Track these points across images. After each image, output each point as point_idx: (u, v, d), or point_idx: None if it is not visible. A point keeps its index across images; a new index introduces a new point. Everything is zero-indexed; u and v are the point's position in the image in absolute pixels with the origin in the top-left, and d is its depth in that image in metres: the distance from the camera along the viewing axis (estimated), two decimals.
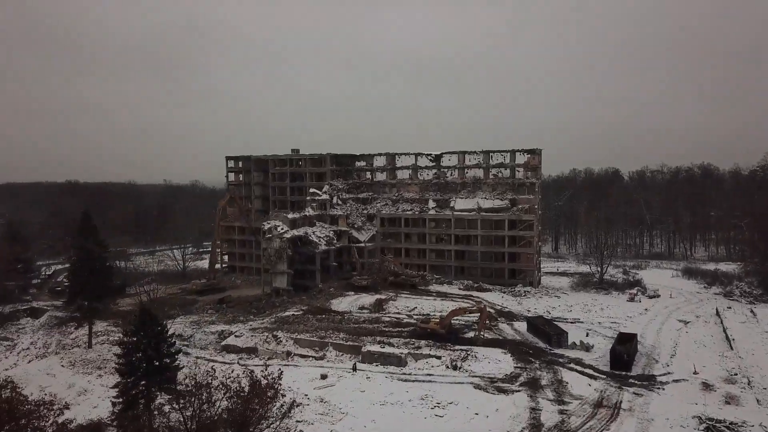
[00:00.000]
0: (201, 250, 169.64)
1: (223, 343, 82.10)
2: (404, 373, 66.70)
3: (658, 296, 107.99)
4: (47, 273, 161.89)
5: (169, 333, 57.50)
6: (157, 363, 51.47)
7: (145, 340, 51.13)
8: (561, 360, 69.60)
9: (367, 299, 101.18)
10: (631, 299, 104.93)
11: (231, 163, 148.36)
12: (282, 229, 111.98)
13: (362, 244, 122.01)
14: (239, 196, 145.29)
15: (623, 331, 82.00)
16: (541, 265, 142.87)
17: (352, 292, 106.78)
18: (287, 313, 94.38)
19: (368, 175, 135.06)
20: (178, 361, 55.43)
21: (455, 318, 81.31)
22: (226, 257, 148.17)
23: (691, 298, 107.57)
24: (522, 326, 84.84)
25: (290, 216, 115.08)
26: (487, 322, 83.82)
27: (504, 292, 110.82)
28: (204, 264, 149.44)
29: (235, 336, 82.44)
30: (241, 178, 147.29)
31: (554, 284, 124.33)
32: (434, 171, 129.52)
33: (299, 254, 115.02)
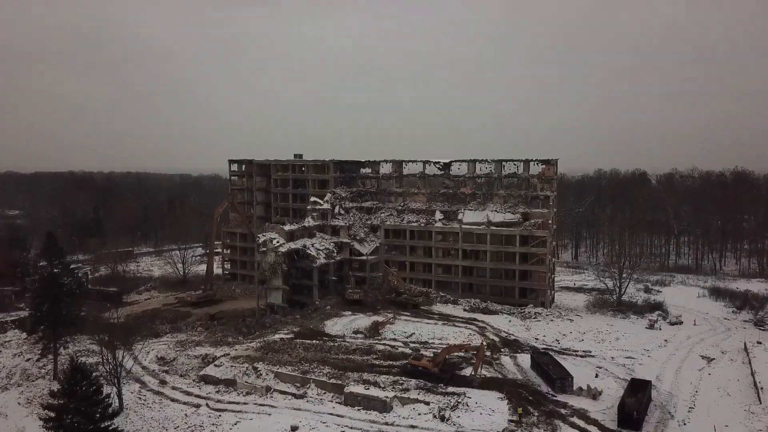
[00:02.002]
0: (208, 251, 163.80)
1: (202, 372, 76.77)
2: (386, 423, 60.28)
3: (681, 323, 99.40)
4: None
5: (126, 368, 51.60)
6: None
7: (74, 404, 45.35)
8: (563, 411, 62.29)
9: (364, 321, 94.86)
10: (651, 326, 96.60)
11: (234, 167, 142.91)
12: (278, 242, 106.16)
13: (364, 257, 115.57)
14: (241, 202, 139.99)
15: (638, 369, 74.68)
16: (557, 279, 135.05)
17: (349, 312, 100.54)
18: (276, 336, 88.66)
19: (374, 182, 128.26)
20: (115, 425, 49.60)
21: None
22: (228, 264, 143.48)
23: (717, 326, 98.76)
24: (526, 360, 77.58)
25: (287, 228, 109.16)
26: (489, 354, 77.11)
27: (512, 314, 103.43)
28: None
29: (215, 365, 76.96)
30: (245, 182, 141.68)
31: (568, 303, 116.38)
32: (443, 181, 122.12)
33: (296, 269, 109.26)
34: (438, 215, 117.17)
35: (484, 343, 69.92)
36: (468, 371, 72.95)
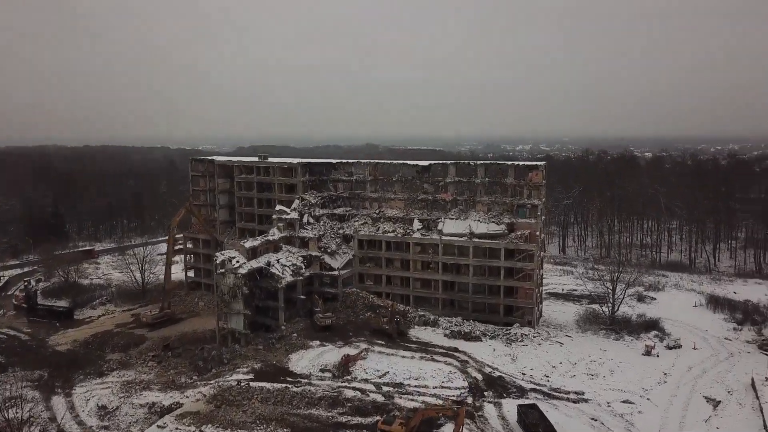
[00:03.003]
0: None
1: None
2: None
3: (679, 346, 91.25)
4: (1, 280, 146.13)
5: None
6: None
7: None
8: None
9: (332, 356, 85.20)
10: (648, 353, 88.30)
11: (202, 168, 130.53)
12: (237, 261, 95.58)
13: (336, 272, 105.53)
14: (204, 204, 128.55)
15: (638, 422, 66.52)
16: (544, 282, 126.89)
17: (318, 342, 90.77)
18: (233, 378, 78.79)
19: (347, 185, 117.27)
20: None
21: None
22: (191, 272, 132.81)
23: (719, 350, 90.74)
24: (512, 410, 68.52)
25: (248, 245, 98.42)
26: (470, 402, 68.37)
27: (496, 337, 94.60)
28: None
29: (158, 427, 67.10)
30: (208, 183, 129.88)
31: (557, 317, 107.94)
32: (422, 185, 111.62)
33: (260, 289, 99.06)
34: (416, 224, 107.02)
35: (463, 410, 60.73)
36: (448, 429, 64.05)
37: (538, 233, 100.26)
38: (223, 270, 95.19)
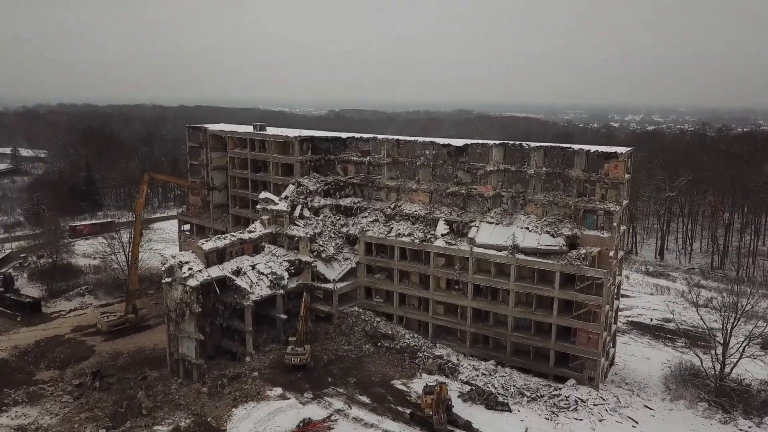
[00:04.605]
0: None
1: None
2: None
3: None
4: None
5: None
6: None
7: None
8: None
9: (287, 419, 59.82)
10: None
11: (199, 138, 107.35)
12: (190, 268, 71.68)
13: (330, 285, 79.37)
14: (202, 183, 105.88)
15: None
16: (627, 304, 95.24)
17: (280, 390, 65.48)
18: None
19: (360, 168, 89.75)
20: None
21: None
22: None
23: None
24: None
25: (208, 246, 74.08)
26: None
27: (538, 399, 65.38)
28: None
29: None
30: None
31: (636, 369, 76.42)
32: (454, 173, 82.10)
33: (223, 305, 75.08)
34: (441, 227, 78.07)
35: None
36: None
37: (612, 253, 68.42)
38: (169, 280, 71.70)
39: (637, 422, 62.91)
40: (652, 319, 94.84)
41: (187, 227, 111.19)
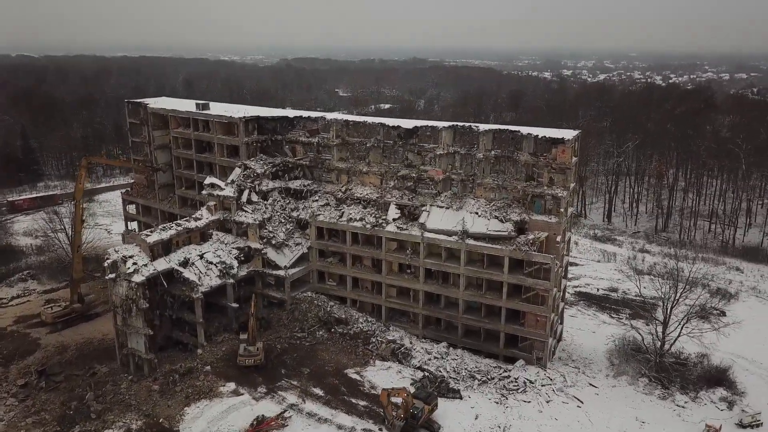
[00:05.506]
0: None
1: None
2: None
3: (759, 424, 61.69)
4: None
5: None
6: None
7: None
8: None
9: (241, 417, 59.94)
10: None
11: (140, 114, 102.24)
12: (135, 263, 69.56)
13: (281, 272, 78.57)
14: (145, 166, 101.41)
15: None
16: (574, 272, 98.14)
17: (233, 385, 65.34)
18: None
19: (308, 149, 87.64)
20: None
21: None
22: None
23: None
24: None
25: (151, 239, 71.78)
26: None
27: (489, 382, 67.34)
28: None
29: None
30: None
31: (583, 345, 79.34)
32: (405, 155, 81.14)
33: (172, 297, 73.55)
34: (393, 211, 77.62)
35: None
36: None
37: (559, 238, 69.54)
38: (113, 276, 69.52)
39: (582, 402, 65.55)
40: (598, 290, 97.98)
41: (132, 207, 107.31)
